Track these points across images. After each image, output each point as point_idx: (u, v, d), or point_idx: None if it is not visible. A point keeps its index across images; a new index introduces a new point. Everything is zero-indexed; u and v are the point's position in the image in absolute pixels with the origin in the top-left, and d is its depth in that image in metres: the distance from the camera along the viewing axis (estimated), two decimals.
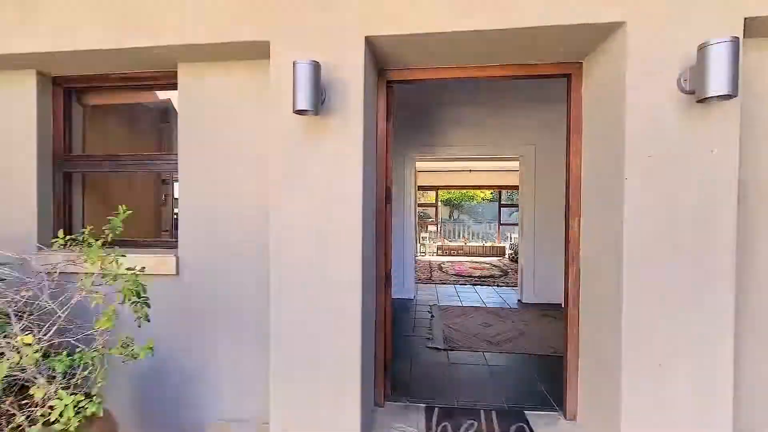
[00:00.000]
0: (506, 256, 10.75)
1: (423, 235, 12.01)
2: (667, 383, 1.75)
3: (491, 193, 15.26)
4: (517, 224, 12.06)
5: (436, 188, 11.68)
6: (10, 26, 2.08)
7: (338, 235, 1.91)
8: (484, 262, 9.55)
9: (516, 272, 7.57)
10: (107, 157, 2.47)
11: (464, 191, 15.26)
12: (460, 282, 6.70)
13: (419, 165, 10.18)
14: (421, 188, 11.63)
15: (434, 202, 11.96)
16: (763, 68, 1.89)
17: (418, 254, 11.10)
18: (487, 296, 5.63)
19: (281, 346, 1.93)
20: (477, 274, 7.51)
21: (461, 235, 13.07)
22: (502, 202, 11.71)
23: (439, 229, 13.43)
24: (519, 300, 5.32)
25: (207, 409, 2.24)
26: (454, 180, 11.50)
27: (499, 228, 11.73)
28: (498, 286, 6.39)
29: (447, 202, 16.94)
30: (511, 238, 11.60)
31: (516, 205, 11.91)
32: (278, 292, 1.93)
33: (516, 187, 11.40)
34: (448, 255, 11.16)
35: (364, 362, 1.96)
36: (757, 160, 1.91)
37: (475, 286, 6.36)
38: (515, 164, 10.63)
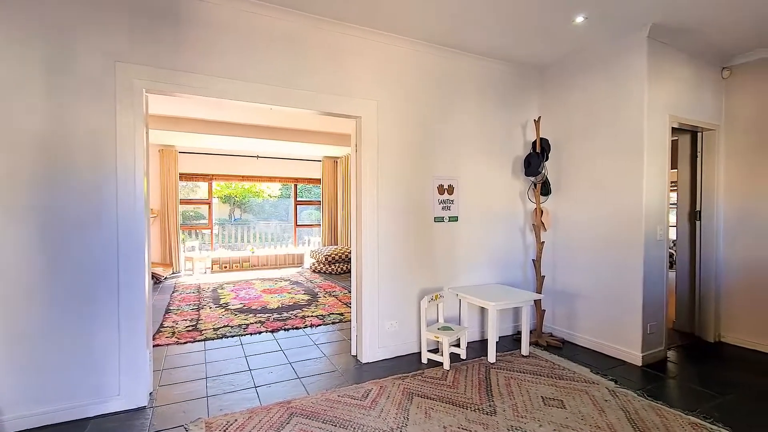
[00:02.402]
0: (307, 265, 8.65)
1: (191, 243, 8.47)
2: None
3: (280, 189, 12.92)
4: (317, 225, 10.34)
5: (209, 178, 8.37)
6: None
7: None
8: (281, 278, 7.12)
9: (325, 290, 5.39)
10: None
11: (250, 185, 12.31)
12: (251, 325, 4.06)
13: (179, 142, 5.79)
14: (187, 177, 8.08)
15: (208, 198, 8.62)
16: None
17: (183, 274, 7.58)
18: (302, 358, 3.26)
19: None
20: (275, 305, 5.00)
21: (245, 240, 10.18)
22: (298, 200, 9.53)
23: (216, 233, 10.13)
24: (356, 358, 3.21)
25: None
26: (237, 167, 8.53)
27: (295, 231, 9.51)
28: (312, 326, 4.10)
29: (226, 199, 13.50)
30: (310, 243, 9.60)
31: (316, 203, 9.98)
32: None
33: (316, 181, 9.48)
34: (229, 270, 8.13)
35: None
36: None
37: (276, 334, 3.87)
38: (317, 151, 8.71)
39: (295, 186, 9.41)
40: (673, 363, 3.16)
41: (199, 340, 3.64)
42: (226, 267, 8.18)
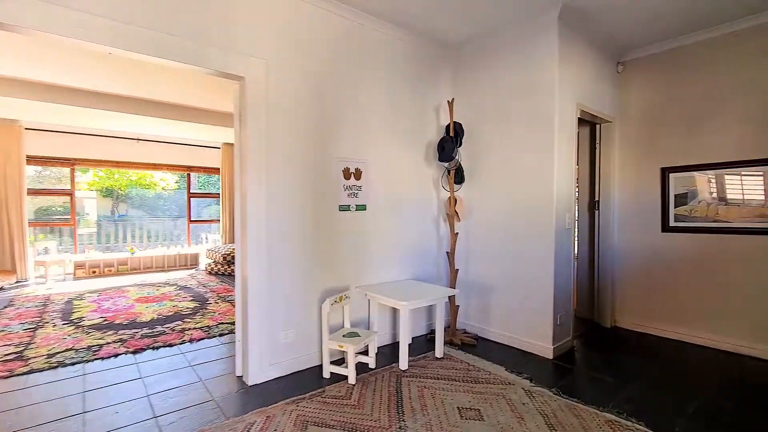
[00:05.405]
0: (202, 266, 7.56)
1: (46, 244, 6.81)
2: None
3: (177, 181, 11.34)
4: (216, 221, 9.09)
5: (71, 163, 6.79)
6: None
7: None
8: (167, 283, 6.02)
9: (219, 295, 4.50)
10: None
11: (138, 175, 10.57)
12: (106, 346, 3.15)
13: (25, 116, 5.39)
14: (40, 161, 6.44)
15: (70, 188, 6.96)
16: None
17: (32, 282, 6.00)
18: (167, 387, 2.53)
19: None
20: (149, 317, 4.05)
21: (130, 239, 8.66)
22: (192, 191, 8.26)
23: (92, 233, 8.46)
24: (241, 379, 2.58)
25: None
26: (111, 151, 7.06)
27: (189, 227, 8.27)
28: (192, 341, 3.34)
29: (108, 192, 11.43)
30: (207, 240, 8.46)
31: (215, 195, 8.84)
32: None
33: (215, 170, 8.32)
34: (101, 275, 6.69)
35: None
36: None
37: (140, 356, 3.03)
38: (215, 136, 7.45)
39: (189, 176, 8.19)
40: (579, 353, 3.14)
41: (19, 374, 2.66)
42: (95, 272, 6.72)
